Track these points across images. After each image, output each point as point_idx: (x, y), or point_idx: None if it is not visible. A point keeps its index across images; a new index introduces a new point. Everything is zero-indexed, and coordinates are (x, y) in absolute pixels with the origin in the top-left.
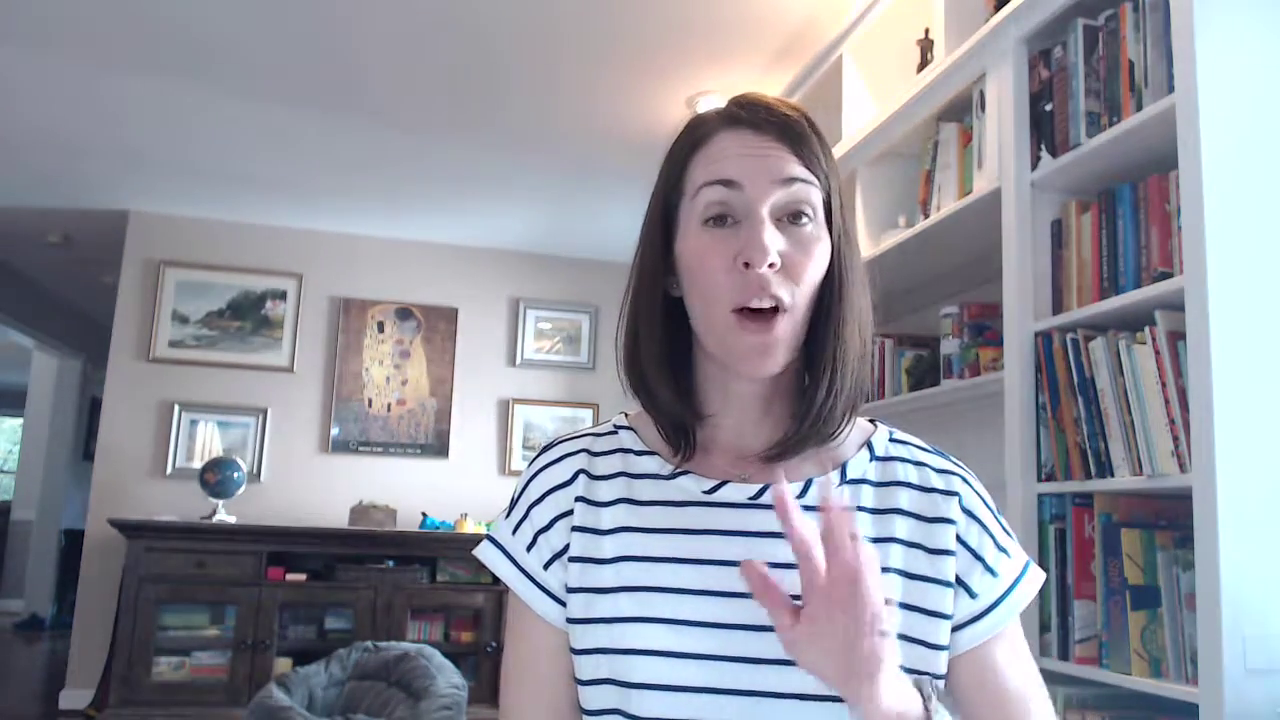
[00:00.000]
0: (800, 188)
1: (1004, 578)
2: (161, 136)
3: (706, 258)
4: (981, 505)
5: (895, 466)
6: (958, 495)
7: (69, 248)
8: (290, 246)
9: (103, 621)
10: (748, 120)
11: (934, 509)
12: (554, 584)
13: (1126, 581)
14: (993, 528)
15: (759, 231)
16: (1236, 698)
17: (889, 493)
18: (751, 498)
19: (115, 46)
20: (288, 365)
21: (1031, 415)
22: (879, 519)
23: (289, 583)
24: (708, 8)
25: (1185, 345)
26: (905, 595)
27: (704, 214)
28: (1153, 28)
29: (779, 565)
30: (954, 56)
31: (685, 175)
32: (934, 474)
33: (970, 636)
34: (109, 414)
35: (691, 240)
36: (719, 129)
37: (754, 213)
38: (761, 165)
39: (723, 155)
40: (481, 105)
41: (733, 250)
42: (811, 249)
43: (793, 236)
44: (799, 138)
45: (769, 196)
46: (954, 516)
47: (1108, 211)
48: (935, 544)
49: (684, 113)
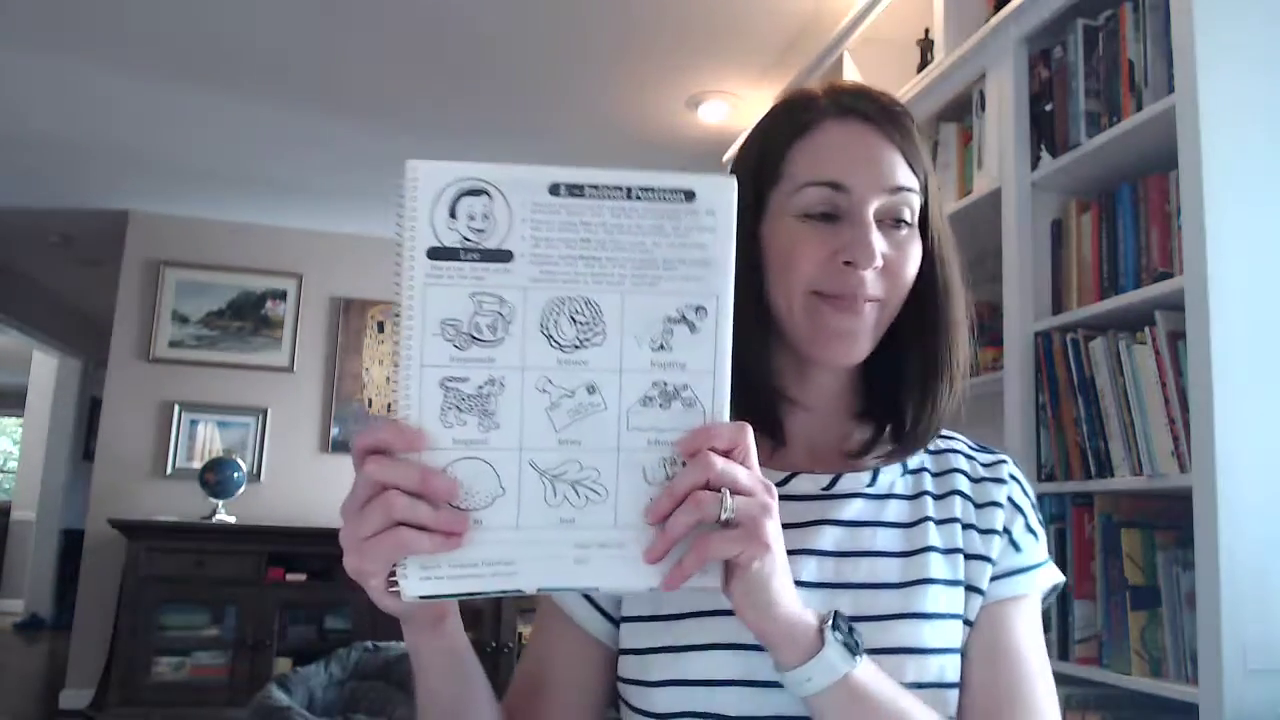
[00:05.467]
0: (904, 195)
1: (1028, 554)
2: (161, 136)
3: (802, 249)
4: (1023, 495)
5: (948, 457)
6: (1007, 484)
7: (69, 248)
8: (290, 246)
9: (103, 621)
10: (859, 112)
11: (984, 494)
12: (605, 599)
13: (1126, 581)
14: (1029, 515)
15: (866, 233)
16: (1236, 698)
17: (947, 479)
18: (825, 488)
19: (116, 47)
20: (288, 365)
21: (1031, 415)
22: (941, 502)
23: (289, 583)
24: (708, 8)
25: (1185, 345)
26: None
27: (805, 209)
28: (1153, 28)
29: (867, 553)
30: (954, 56)
31: (784, 163)
32: (983, 466)
33: (995, 591)
34: (109, 414)
35: (785, 231)
36: (825, 118)
37: (859, 214)
38: (872, 171)
39: (830, 152)
40: (482, 105)
41: (832, 246)
42: (908, 251)
43: (891, 239)
44: (907, 137)
45: (876, 201)
46: (1002, 501)
47: (1108, 211)
48: (986, 525)
49: (684, 113)
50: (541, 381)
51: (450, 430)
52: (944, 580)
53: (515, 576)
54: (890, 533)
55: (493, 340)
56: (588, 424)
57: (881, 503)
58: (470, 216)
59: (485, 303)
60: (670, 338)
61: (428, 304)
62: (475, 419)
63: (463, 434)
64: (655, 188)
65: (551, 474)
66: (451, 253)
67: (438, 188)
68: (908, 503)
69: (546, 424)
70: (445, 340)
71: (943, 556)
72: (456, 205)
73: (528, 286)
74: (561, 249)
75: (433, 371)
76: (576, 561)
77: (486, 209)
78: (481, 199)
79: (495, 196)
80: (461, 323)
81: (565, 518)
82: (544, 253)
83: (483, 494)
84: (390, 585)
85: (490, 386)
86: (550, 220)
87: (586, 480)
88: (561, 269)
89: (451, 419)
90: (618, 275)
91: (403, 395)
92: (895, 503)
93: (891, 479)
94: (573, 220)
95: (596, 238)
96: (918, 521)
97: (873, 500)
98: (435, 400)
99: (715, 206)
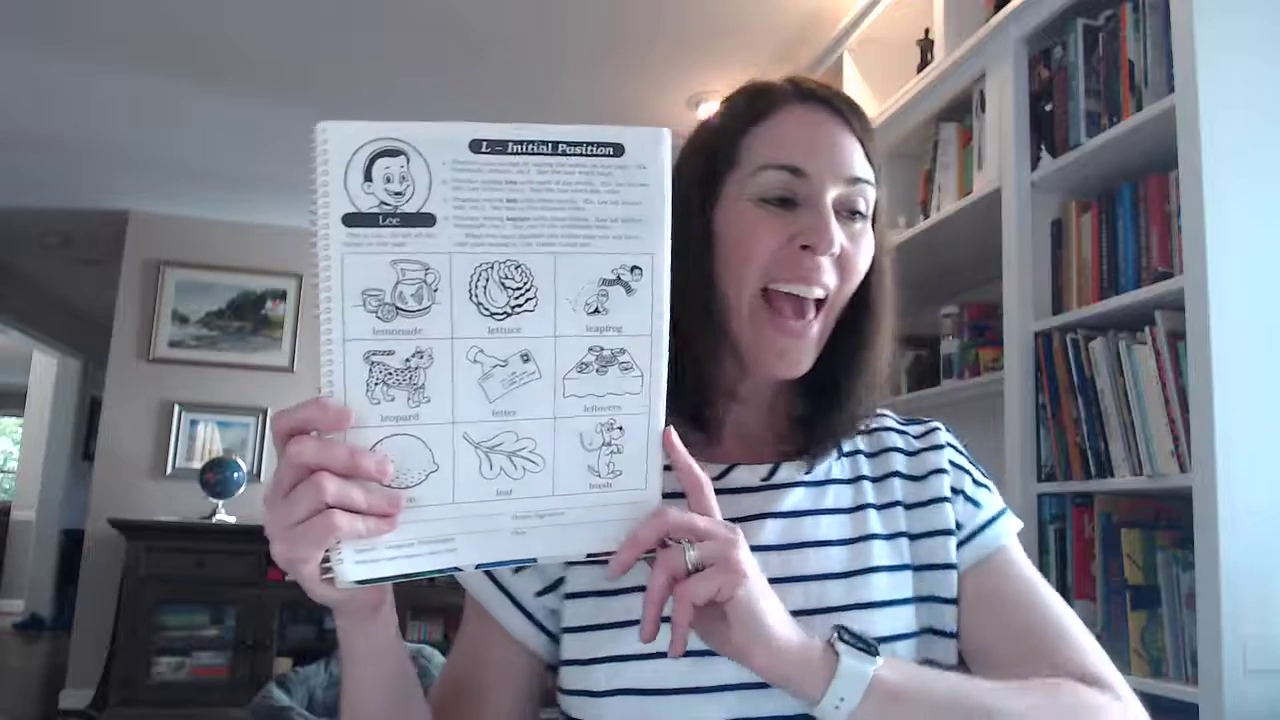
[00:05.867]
0: (861, 187)
1: (989, 507)
2: (162, 136)
3: (757, 234)
4: (960, 455)
5: (881, 436)
6: (944, 449)
7: (69, 248)
8: (290, 246)
9: (103, 621)
10: (821, 98)
11: (923, 465)
12: (540, 611)
13: (1126, 581)
14: (973, 471)
15: (825, 218)
16: (1236, 698)
17: (883, 460)
18: (764, 479)
19: (115, 46)
20: (288, 365)
21: (1031, 415)
22: (879, 486)
23: (289, 583)
24: (708, 8)
25: (1185, 345)
26: (913, 551)
27: (762, 193)
28: (1153, 28)
29: (810, 544)
30: (954, 56)
31: (740, 147)
32: (915, 439)
33: (971, 551)
34: (109, 414)
35: (739, 216)
36: (787, 102)
37: (818, 200)
38: (830, 158)
39: (790, 138)
40: (482, 104)
41: (789, 230)
42: (862, 244)
43: (847, 230)
44: (866, 129)
45: (834, 189)
46: (945, 466)
47: (1108, 211)
48: (931, 494)
49: (684, 113)
50: (473, 352)
51: (378, 406)
52: (889, 566)
53: (454, 553)
54: (832, 520)
55: (418, 310)
56: (522, 393)
57: (820, 489)
58: (387, 179)
59: (408, 270)
60: (605, 300)
61: (346, 274)
62: (404, 394)
63: (391, 410)
64: (582, 141)
65: (486, 446)
66: (369, 219)
67: (350, 149)
68: (847, 487)
69: (480, 395)
70: (367, 312)
71: (886, 543)
72: (371, 167)
73: (453, 251)
74: (487, 210)
75: (356, 345)
76: (514, 533)
77: (404, 170)
78: (399, 160)
79: (413, 156)
80: (384, 293)
81: (502, 490)
82: (469, 215)
83: (415, 471)
84: (324, 572)
85: (418, 359)
86: (473, 179)
87: (523, 450)
88: (488, 231)
89: (379, 395)
90: (548, 236)
91: (325, 371)
92: (834, 488)
93: (828, 464)
94: (497, 179)
95: (523, 196)
96: (859, 508)
97: (812, 488)
98: (360, 375)
99: (646, 160)
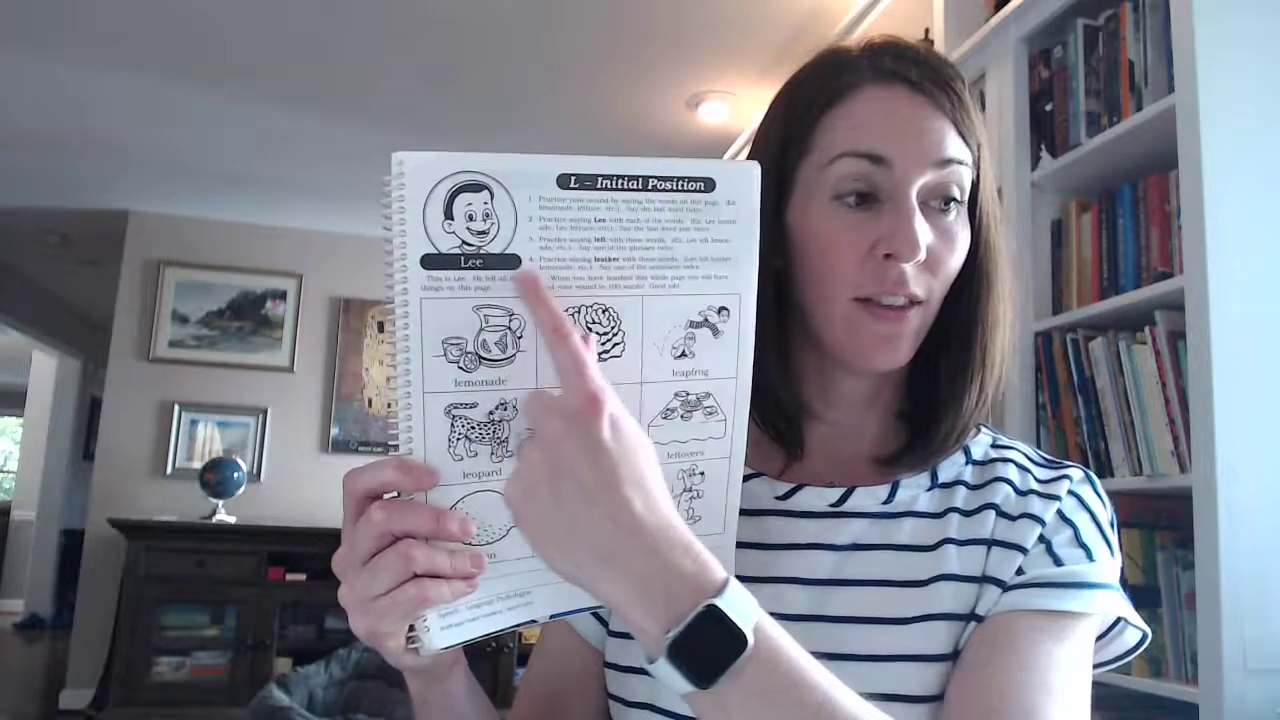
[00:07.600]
0: (954, 170)
1: (1073, 570)
2: (162, 136)
3: (837, 243)
4: (1080, 510)
5: (996, 467)
6: (1059, 500)
7: (69, 248)
8: (290, 246)
9: (103, 621)
10: (903, 77)
11: (1024, 508)
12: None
13: (1126, 581)
14: (1084, 530)
15: (908, 221)
16: (1236, 698)
17: (985, 492)
18: (833, 504)
19: (115, 46)
20: (288, 365)
21: (1031, 415)
22: (969, 520)
23: (289, 583)
24: (708, 7)
25: (1185, 345)
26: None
27: (838, 188)
28: (1153, 28)
29: (853, 582)
30: (954, 56)
31: (816, 132)
32: (1037, 480)
33: (1011, 600)
34: (109, 414)
35: (817, 217)
36: (865, 82)
37: (901, 195)
38: (918, 141)
39: (870, 121)
40: (482, 104)
41: (870, 237)
42: (955, 240)
43: (937, 225)
44: (960, 104)
45: (920, 178)
46: (1045, 517)
47: (1108, 212)
48: (1015, 539)
49: (684, 113)
50: None
51: (460, 463)
52: (951, 616)
53: (531, 606)
54: (896, 558)
55: (503, 359)
56: None
57: (893, 522)
58: (469, 217)
59: (492, 317)
60: (692, 343)
61: (426, 321)
62: (488, 448)
63: (474, 466)
64: (673, 176)
65: None
66: (450, 260)
67: (429, 183)
68: (931, 522)
69: None
70: (449, 362)
71: (958, 585)
72: (453, 204)
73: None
74: (574, 250)
75: (437, 399)
76: None
77: (488, 207)
78: (481, 195)
79: (497, 192)
80: (466, 341)
81: None
82: (555, 255)
83: (495, 527)
84: (409, 641)
85: (502, 411)
86: (560, 218)
87: None
88: (575, 273)
89: (461, 450)
90: (636, 277)
91: (404, 426)
92: (912, 522)
93: (914, 494)
94: (585, 217)
95: (612, 236)
96: (937, 545)
97: (881, 520)
98: (441, 430)
99: (736, 196)
